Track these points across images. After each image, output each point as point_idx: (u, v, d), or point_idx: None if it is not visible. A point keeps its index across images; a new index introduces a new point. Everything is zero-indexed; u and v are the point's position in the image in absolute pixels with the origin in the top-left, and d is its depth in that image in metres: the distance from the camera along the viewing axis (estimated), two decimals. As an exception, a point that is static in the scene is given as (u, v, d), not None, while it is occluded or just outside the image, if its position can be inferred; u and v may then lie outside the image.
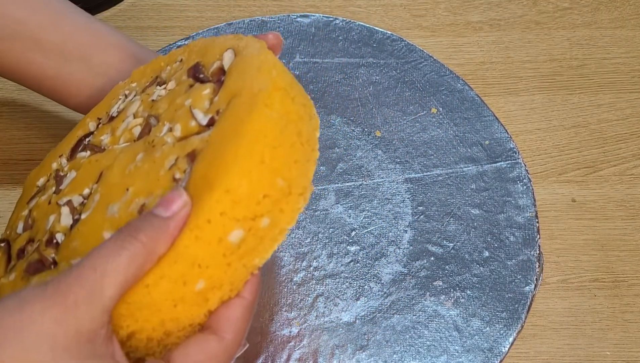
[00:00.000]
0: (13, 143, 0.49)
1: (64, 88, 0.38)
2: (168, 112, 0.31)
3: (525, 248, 0.43)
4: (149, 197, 0.27)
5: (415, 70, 0.51)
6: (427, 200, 0.45)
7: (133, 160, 0.29)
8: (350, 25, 0.53)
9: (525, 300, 0.41)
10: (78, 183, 0.32)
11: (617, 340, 0.41)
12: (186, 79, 0.32)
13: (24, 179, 0.47)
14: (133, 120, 0.33)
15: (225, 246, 0.24)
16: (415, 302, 0.41)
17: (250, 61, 0.29)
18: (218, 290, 0.25)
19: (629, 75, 0.52)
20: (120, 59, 0.39)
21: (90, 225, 0.28)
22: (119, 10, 0.55)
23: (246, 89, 0.27)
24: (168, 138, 0.29)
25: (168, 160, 0.27)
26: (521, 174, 0.46)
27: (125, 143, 0.32)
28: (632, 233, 0.45)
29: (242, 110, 0.26)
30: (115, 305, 0.23)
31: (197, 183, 0.25)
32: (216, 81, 0.30)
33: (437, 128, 0.48)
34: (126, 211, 0.27)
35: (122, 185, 0.28)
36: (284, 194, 0.26)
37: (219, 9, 0.56)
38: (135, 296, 0.24)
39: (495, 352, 0.40)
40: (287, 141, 0.26)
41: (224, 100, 0.28)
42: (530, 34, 0.54)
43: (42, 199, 0.33)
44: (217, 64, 0.31)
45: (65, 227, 0.30)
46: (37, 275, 0.29)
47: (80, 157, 0.34)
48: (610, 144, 0.49)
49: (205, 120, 0.28)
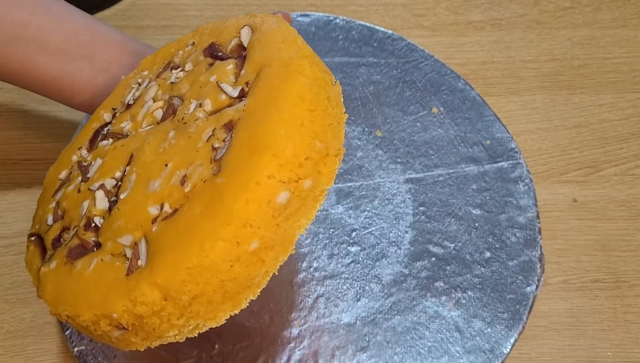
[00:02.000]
0: (12, 142, 0.48)
1: (68, 88, 0.38)
2: (192, 90, 0.31)
3: (526, 248, 0.43)
4: (189, 168, 0.27)
5: (416, 69, 0.51)
6: (428, 200, 0.45)
7: (165, 139, 0.30)
8: (350, 25, 0.53)
9: (527, 300, 0.41)
10: (107, 168, 0.32)
11: (619, 340, 0.41)
12: (204, 59, 0.33)
13: (23, 179, 0.47)
14: (153, 104, 0.33)
15: (274, 207, 0.25)
16: (416, 303, 0.41)
17: (271, 33, 0.30)
18: (271, 250, 0.26)
19: (630, 75, 0.52)
20: (122, 54, 0.39)
21: (132, 203, 0.28)
22: (118, 10, 0.55)
23: (275, 59, 0.28)
24: (199, 113, 0.29)
25: (205, 132, 0.28)
26: (522, 174, 0.46)
27: (148, 126, 0.32)
28: (634, 234, 0.45)
29: (276, 78, 0.27)
30: (176, 272, 0.24)
31: (240, 149, 0.26)
32: (237, 56, 0.31)
33: (438, 128, 0.48)
34: (168, 184, 0.27)
35: (159, 162, 0.29)
36: (322, 156, 0.26)
37: (218, 8, 0.55)
38: (194, 260, 0.24)
39: (497, 353, 0.39)
40: (320, 105, 0.27)
41: (251, 72, 0.29)
42: (532, 33, 0.54)
43: (69, 189, 0.33)
44: (235, 41, 0.32)
45: (103, 210, 0.30)
46: (80, 259, 0.29)
47: (102, 146, 0.34)
48: (612, 144, 0.48)
49: (235, 92, 0.29)
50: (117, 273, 0.27)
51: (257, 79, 0.28)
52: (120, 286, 0.26)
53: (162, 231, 0.26)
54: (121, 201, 0.29)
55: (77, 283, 0.28)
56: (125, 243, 0.27)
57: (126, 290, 0.26)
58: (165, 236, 0.26)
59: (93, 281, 0.27)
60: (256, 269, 0.26)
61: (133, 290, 0.25)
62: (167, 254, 0.25)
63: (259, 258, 0.25)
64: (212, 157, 0.27)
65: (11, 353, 0.40)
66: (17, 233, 0.44)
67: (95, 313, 0.27)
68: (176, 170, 0.28)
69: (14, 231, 0.45)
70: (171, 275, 0.25)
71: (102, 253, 0.28)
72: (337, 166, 0.27)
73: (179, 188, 0.27)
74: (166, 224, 0.26)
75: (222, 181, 0.25)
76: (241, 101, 0.28)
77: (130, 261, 0.26)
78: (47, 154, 0.48)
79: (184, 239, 0.25)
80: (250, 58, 0.30)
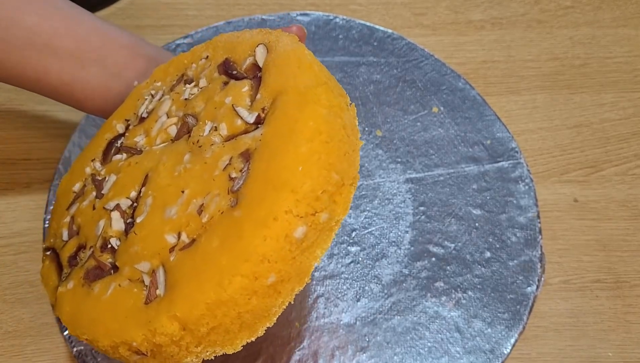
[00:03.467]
0: (10, 142, 0.48)
1: (81, 92, 0.38)
2: (207, 110, 0.31)
3: (527, 248, 0.43)
4: (206, 197, 0.27)
5: (416, 69, 0.50)
6: (428, 200, 0.45)
7: (180, 161, 0.30)
8: (350, 24, 0.53)
9: (527, 301, 0.41)
10: (122, 186, 0.31)
11: (620, 341, 0.41)
12: (218, 76, 0.32)
13: (22, 179, 0.47)
14: (167, 119, 0.33)
15: (291, 241, 0.25)
16: (416, 303, 0.41)
17: (287, 56, 0.30)
18: (288, 283, 0.26)
19: (631, 74, 0.52)
20: (134, 58, 0.39)
21: (149, 229, 0.28)
22: (117, 9, 0.55)
23: (291, 87, 0.28)
24: (215, 137, 0.29)
25: (222, 160, 0.28)
26: (523, 174, 0.45)
27: (162, 143, 0.32)
28: (635, 234, 0.44)
29: (293, 108, 0.27)
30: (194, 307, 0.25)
31: (257, 182, 0.26)
32: (252, 77, 0.31)
33: (439, 128, 0.48)
34: (184, 212, 0.27)
35: (175, 187, 0.29)
36: (338, 186, 0.27)
37: (218, 8, 0.55)
38: (213, 296, 0.25)
39: (497, 354, 0.39)
40: (336, 135, 0.27)
41: (267, 97, 0.29)
42: (532, 32, 0.54)
43: (83, 204, 0.32)
44: (250, 60, 0.31)
45: (119, 231, 0.30)
46: (98, 282, 0.29)
47: (116, 160, 0.33)
48: (613, 143, 0.48)
49: (252, 118, 0.29)
50: (135, 300, 0.27)
51: (274, 107, 0.28)
52: (140, 315, 0.27)
53: (180, 262, 0.27)
54: (137, 226, 0.29)
55: (95, 308, 0.28)
56: (143, 269, 0.28)
57: (146, 319, 0.26)
58: (183, 268, 0.26)
59: (111, 307, 0.28)
60: (273, 301, 0.26)
61: (152, 320, 0.26)
62: (186, 287, 0.26)
63: (275, 291, 0.26)
64: (229, 188, 0.27)
65: (10, 353, 0.40)
66: (16, 233, 0.44)
67: (114, 340, 0.27)
68: (193, 198, 0.28)
69: (13, 231, 0.45)
70: (190, 309, 0.25)
71: (119, 277, 0.28)
72: (352, 194, 0.27)
73: (196, 218, 0.27)
74: (184, 255, 0.27)
75: (239, 215, 0.26)
76: (257, 128, 0.28)
77: (149, 289, 0.27)
78: (45, 154, 0.48)
79: (202, 273, 0.25)
80: (265, 82, 0.30)
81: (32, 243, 0.44)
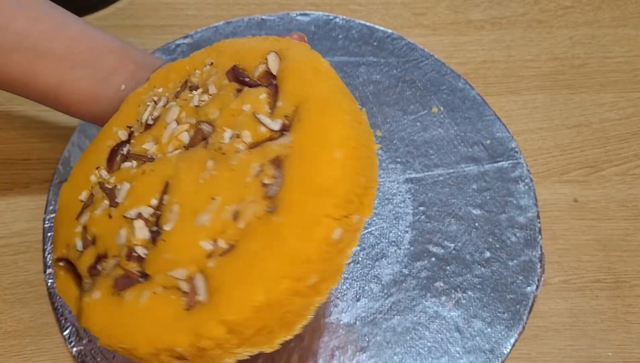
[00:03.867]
0: (10, 142, 0.48)
1: (68, 96, 0.38)
2: (224, 117, 0.31)
3: (526, 248, 0.43)
4: (240, 204, 0.28)
5: (416, 69, 0.50)
6: (428, 200, 0.45)
7: (203, 168, 0.30)
8: (350, 24, 0.53)
9: (527, 300, 0.41)
10: (139, 194, 0.31)
11: (619, 341, 0.41)
12: (228, 83, 0.33)
13: (21, 179, 0.47)
14: (177, 126, 0.33)
15: (330, 243, 0.27)
16: (416, 303, 0.41)
17: (303, 64, 0.31)
18: (325, 282, 0.27)
19: (631, 74, 0.52)
20: (122, 63, 0.39)
21: (180, 236, 0.29)
22: (117, 9, 0.55)
23: (314, 95, 0.29)
24: (238, 144, 0.30)
25: (251, 167, 0.29)
26: (523, 174, 0.45)
27: (174, 150, 0.32)
28: (634, 234, 0.44)
29: (319, 116, 0.29)
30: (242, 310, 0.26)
31: (295, 188, 0.27)
32: (268, 84, 0.32)
33: (438, 128, 0.48)
34: (218, 219, 0.28)
35: (203, 194, 0.29)
36: (365, 189, 0.28)
37: (218, 8, 0.55)
38: (261, 299, 0.26)
39: (497, 353, 0.39)
40: (360, 140, 0.28)
41: (288, 105, 0.30)
42: (532, 32, 0.54)
43: (96, 213, 0.32)
44: (262, 67, 0.32)
45: (144, 240, 0.30)
46: (128, 290, 0.29)
47: (126, 168, 0.33)
48: (613, 143, 0.48)
49: (276, 125, 0.30)
50: (174, 307, 0.28)
51: (298, 115, 0.29)
52: (183, 321, 0.27)
53: (221, 268, 0.27)
54: (167, 233, 0.29)
55: (131, 316, 0.28)
56: (179, 276, 0.28)
57: (190, 325, 0.27)
58: (226, 273, 0.27)
59: (149, 315, 0.28)
60: (312, 300, 0.27)
61: (199, 325, 0.27)
62: (232, 292, 0.26)
63: (315, 290, 0.27)
64: (264, 194, 0.28)
65: (9, 353, 0.40)
66: (16, 233, 0.44)
67: (157, 347, 0.27)
68: (225, 205, 0.28)
69: (13, 231, 0.45)
70: (238, 313, 0.26)
71: (152, 285, 0.29)
72: (375, 196, 0.29)
73: (232, 224, 0.28)
74: (225, 261, 0.27)
75: (280, 220, 0.27)
76: (283, 135, 0.29)
77: (190, 296, 0.27)
78: (45, 154, 0.48)
79: (248, 277, 0.26)
80: (284, 89, 0.31)
81: (31, 243, 0.44)
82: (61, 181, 0.46)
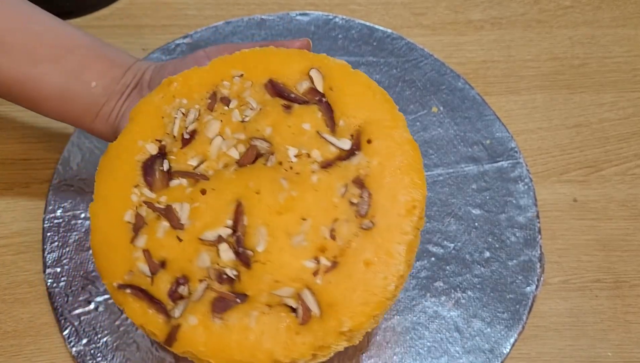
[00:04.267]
0: (9, 142, 0.48)
1: (35, 92, 0.37)
2: (282, 135, 0.33)
3: (526, 248, 0.43)
4: (335, 223, 0.31)
5: (415, 69, 0.50)
6: (427, 200, 0.45)
7: (279, 188, 0.31)
8: (350, 24, 0.53)
9: (527, 300, 0.41)
10: (209, 215, 0.31)
11: (619, 341, 0.41)
12: (271, 98, 0.34)
13: (21, 178, 0.47)
14: (223, 141, 0.33)
15: (413, 251, 0.31)
16: (416, 303, 0.41)
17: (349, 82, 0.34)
18: (401, 285, 0.31)
19: (630, 74, 0.52)
20: (91, 59, 0.38)
21: (278, 257, 0.30)
22: (117, 9, 0.55)
23: (375, 116, 0.33)
24: (311, 164, 0.32)
25: (336, 188, 0.31)
26: (522, 173, 0.45)
27: (225, 166, 0.33)
28: (634, 233, 0.44)
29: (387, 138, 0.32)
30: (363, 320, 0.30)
31: (385, 207, 0.31)
32: (317, 101, 0.33)
33: (438, 127, 0.48)
34: (316, 239, 0.31)
35: (291, 216, 0.31)
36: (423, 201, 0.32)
37: (218, 7, 0.55)
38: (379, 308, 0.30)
39: (496, 353, 0.39)
40: (418, 157, 0.32)
41: (350, 125, 0.33)
42: (532, 32, 0.54)
43: (158, 236, 0.32)
44: (307, 84, 0.34)
45: (232, 261, 0.31)
46: (228, 312, 0.30)
47: (176, 186, 0.32)
48: (612, 143, 0.48)
49: (345, 145, 0.32)
50: (288, 323, 0.30)
51: (366, 135, 0.32)
52: (303, 335, 0.30)
53: (330, 284, 0.30)
54: (260, 255, 0.31)
55: (244, 336, 0.30)
56: (285, 294, 0.30)
57: (312, 338, 0.30)
58: (337, 288, 0.30)
59: (264, 332, 0.30)
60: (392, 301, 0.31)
61: (321, 337, 0.30)
62: (350, 304, 0.30)
63: (398, 290, 0.31)
64: (355, 212, 0.31)
65: (9, 353, 0.40)
66: (15, 233, 0.44)
67: (278, 360, 0.30)
68: (320, 225, 0.31)
69: (12, 231, 0.45)
70: (357, 323, 0.30)
71: (256, 305, 0.30)
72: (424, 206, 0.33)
73: (331, 243, 0.31)
74: (332, 277, 0.30)
75: (381, 236, 0.31)
76: (354, 154, 0.32)
77: (303, 311, 0.30)
78: (44, 154, 0.48)
79: (362, 290, 0.30)
80: (340, 109, 0.33)
81: (31, 243, 0.44)
82: (61, 181, 0.46)
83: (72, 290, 0.42)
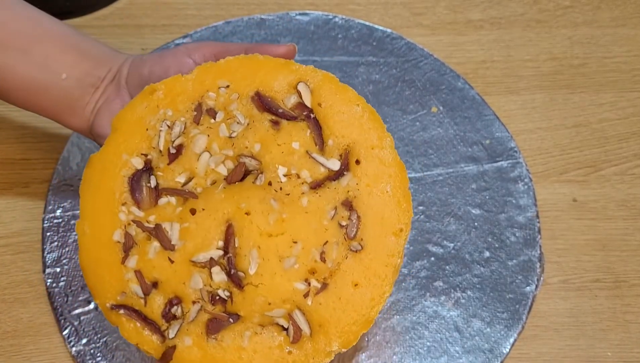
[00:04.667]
0: (9, 142, 0.48)
1: (4, 82, 0.36)
2: (271, 153, 0.33)
3: (526, 248, 0.43)
4: (325, 246, 0.32)
5: (415, 69, 0.50)
6: (427, 200, 0.45)
7: (269, 209, 0.32)
8: (349, 24, 0.53)
9: (526, 300, 0.41)
10: (200, 236, 0.32)
11: (619, 340, 0.41)
12: (259, 113, 0.33)
13: (21, 178, 0.47)
14: (211, 158, 0.33)
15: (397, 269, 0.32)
16: (416, 303, 0.41)
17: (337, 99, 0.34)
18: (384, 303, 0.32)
19: (630, 74, 0.52)
20: (62, 50, 0.37)
21: (271, 280, 0.31)
22: (117, 9, 0.55)
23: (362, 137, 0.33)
24: (301, 185, 0.32)
25: (326, 210, 0.32)
26: (522, 173, 0.45)
27: (212, 183, 0.32)
28: (634, 233, 0.44)
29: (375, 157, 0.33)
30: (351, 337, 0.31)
31: (373, 228, 0.32)
32: (306, 117, 0.33)
33: (438, 127, 0.48)
34: (306, 261, 0.31)
35: (281, 238, 0.31)
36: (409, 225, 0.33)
37: (217, 7, 0.55)
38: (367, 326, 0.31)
39: (496, 353, 0.39)
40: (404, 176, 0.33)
41: (339, 144, 0.33)
42: (531, 32, 0.54)
43: (149, 257, 0.32)
44: (295, 99, 0.34)
45: (224, 282, 0.31)
46: (221, 333, 0.31)
47: (164, 205, 0.32)
48: (612, 143, 0.48)
49: (334, 165, 0.33)
50: (280, 342, 0.31)
51: (353, 156, 0.33)
52: (295, 353, 0.31)
53: (321, 305, 0.31)
54: (252, 277, 0.31)
55: (239, 356, 0.31)
56: (277, 315, 0.31)
57: (302, 356, 0.31)
58: (327, 309, 0.31)
59: (258, 351, 0.31)
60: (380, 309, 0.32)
61: (311, 355, 0.31)
62: (338, 324, 0.31)
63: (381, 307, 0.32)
64: (344, 234, 0.32)
65: (9, 353, 0.40)
66: (15, 233, 0.44)
67: None
68: (311, 247, 0.31)
69: (12, 231, 0.44)
70: (349, 340, 0.31)
71: (248, 325, 0.31)
72: None
73: (321, 265, 0.31)
74: (321, 298, 0.31)
75: (368, 258, 0.32)
76: (343, 175, 0.32)
77: (294, 331, 0.31)
78: (44, 154, 0.48)
79: (351, 310, 0.31)
80: (329, 126, 0.33)
81: (30, 243, 0.44)
82: (60, 181, 0.46)
83: (71, 289, 0.42)
